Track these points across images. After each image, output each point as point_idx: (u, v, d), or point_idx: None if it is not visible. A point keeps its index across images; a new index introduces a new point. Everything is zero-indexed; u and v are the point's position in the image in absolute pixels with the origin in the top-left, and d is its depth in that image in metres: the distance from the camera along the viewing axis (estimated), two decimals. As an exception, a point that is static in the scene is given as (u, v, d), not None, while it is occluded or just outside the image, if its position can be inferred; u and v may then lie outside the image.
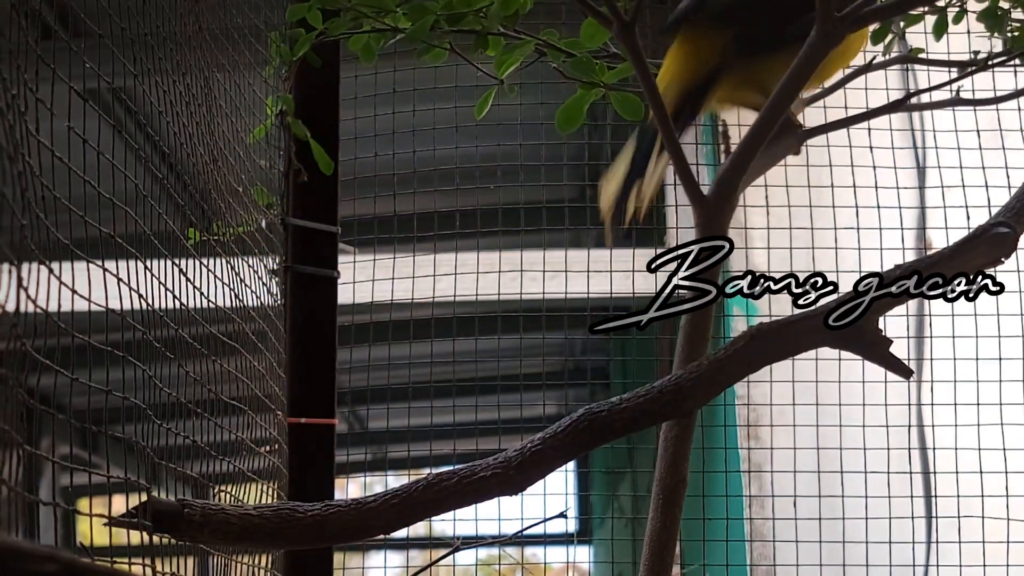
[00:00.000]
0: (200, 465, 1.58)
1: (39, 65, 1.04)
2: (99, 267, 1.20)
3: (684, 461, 1.48)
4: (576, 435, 1.24)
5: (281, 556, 1.85)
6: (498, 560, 3.10)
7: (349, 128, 2.71)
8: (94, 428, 1.23)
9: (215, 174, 1.68)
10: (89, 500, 2.37)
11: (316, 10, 1.58)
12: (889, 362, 1.31)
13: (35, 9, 1.05)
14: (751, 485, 3.00)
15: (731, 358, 1.27)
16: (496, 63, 1.57)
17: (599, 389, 4.60)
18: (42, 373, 1.04)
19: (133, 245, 1.31)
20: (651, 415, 1.27)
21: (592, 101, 1.53)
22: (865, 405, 2.74)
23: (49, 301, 1.05)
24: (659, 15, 3.25)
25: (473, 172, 2.98)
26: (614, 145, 3.31)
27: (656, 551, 1.48)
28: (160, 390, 1.37)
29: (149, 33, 1.38)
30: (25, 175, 1.01)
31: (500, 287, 2.93)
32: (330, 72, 1.99)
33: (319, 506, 1.31)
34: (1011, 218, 1.34)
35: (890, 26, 1.79)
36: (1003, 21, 1.66)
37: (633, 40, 1.32)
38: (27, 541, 0.81)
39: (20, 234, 1.00)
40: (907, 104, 1.79)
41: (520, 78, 1.68)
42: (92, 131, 1.21)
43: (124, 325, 1.27)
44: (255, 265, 1.85)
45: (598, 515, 4.66)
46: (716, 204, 1.44)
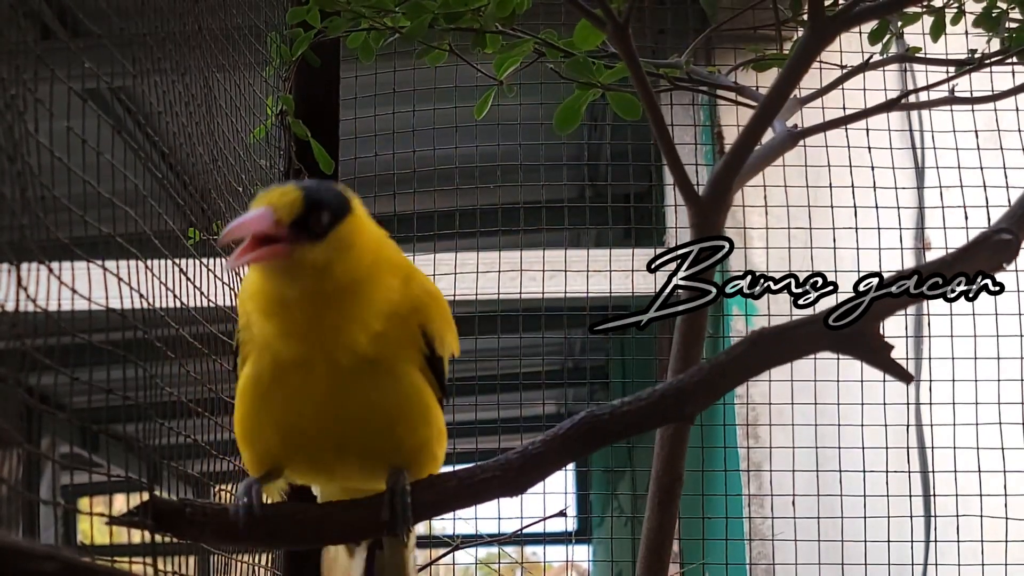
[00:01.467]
0: (201, 464, 1.59)
1: (38, 65, 1.04)
2: (99, 266, 1.20)
3: (680, 459, 1.49)
4: (577, 438, 1.24)
5: (281, 555, 1.85)
6: (498, 559, 3.11)
7: (349, 128, 2.72)
8: (95, 427, 1.23)
9: (215, 174, 1.68)
10: (90, 499, 2.37)
11: (315, 10, 1.59)
12: (890, 367, 1.31)
13: (34, 9, 1.06)
14: (750, 484, 3.00)
15: (732, 363, 1.26)
16: (495, 63, 1.58)
17: (598, 388, 4.60)
18: (42, 372, 1.04)
19: (133, 245, 1.32)
20: (652, 419, 1.27)
21: (590, 101, 1.53)
22: (864, 404, 2.74)
23: (49, 300, 1.05)
24: (658, 15, 3.26)
25: (472, 172, 2.98)
26: (613, 145, 3.32)
27: (653, 549, 1.49)
28: (161, 389, 1.37)
29: (148, 33, 1.39)
30: (25, 175, 1.01)
31: (500, 286, 2.93)
32: (330, 72, 1.99)
33: (319, 506, 1.31)
34: (1013, 224, 1.33)
35: (888, 26, 1.80)
36: (1000, 21, 1.67)
37: (627, 42, 1.33)
38: (27, 540, 0.81)
39: (20, 233, 1.00)
40: (904, 103, 1.80)
41: (519, 78, 1.68)
42: (91, 131, 1.21)
43: (124, 324, 1.27)
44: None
45: (597, 514, 4.65)
46: (711, 203, 1.44)
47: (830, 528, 2.74)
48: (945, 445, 2.79)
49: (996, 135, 2.86)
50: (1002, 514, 2.65)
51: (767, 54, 1.90)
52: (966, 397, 2.75)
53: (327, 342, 1.20)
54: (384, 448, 1.25)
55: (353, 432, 1.23)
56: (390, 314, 1.22)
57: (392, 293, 1.23)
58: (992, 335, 2.74)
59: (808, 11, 1.30)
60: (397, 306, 1.23)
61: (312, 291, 1.17)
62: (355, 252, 1.19)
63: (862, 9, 1.35)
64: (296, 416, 1.22)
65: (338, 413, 1.22)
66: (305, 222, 1.15)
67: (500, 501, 1.28)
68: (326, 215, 1.16)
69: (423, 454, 1.27)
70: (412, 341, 1.26)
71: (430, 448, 1.28)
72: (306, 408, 1.22)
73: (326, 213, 1.16)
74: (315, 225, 1.15)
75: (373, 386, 1.22)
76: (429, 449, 1.28)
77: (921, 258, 3.03)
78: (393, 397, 1.24)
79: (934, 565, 2.75)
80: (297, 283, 1.17)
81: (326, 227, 1.16)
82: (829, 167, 2.88)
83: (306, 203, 1.15)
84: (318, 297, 1.18)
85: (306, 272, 1.16)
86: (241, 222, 1.13)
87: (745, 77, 1.99)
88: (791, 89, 1.40)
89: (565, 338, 3.86)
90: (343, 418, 1.22)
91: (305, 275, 1.16)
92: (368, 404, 1.22)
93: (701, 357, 1.49)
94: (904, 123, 3.18)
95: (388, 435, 1.25)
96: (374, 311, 1.21)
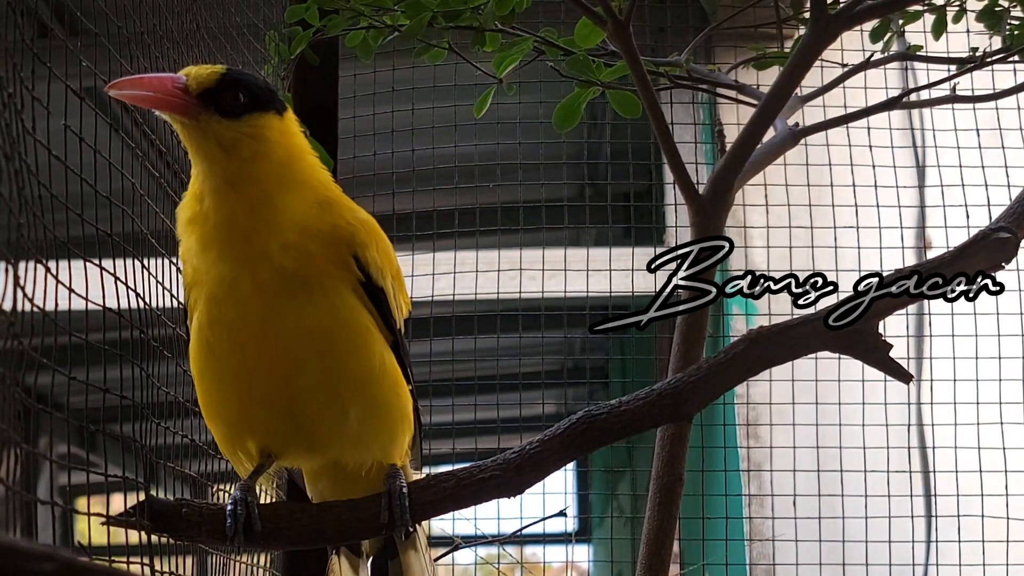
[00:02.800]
0: (198, 464, 1.58)
1: (36, 63, 1.04)
2: (96, 266, 1.20)
3: (681, 460, 1.48)
4: (574, 438, 1.24)
5: (280, 555, 1.85)
6: (497, 559, 3.10)
7: (348, 127, 2.71)
8: (92, 427, 1.22)
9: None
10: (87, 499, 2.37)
11: (314, 9, 1.58)
12: (889, 367, 1.31)
13: (32, 7, 1.05)
14: (750, 484, 3.00)
15: (731, 362, 1.26)
16: (495, 62, 1.57)
17: (598, 388, 4.59)
18: (39, 372, 1.04)
19: (130, 244, 1.31)
20: (650, 418, 1.26)
21: (590, 99, 1.53)
22: (864, 404, 2.74)
23: (46, 300, 1.05)
24: (658, 14, 3.25)
25: (472, 171, 2.98)
26: (613, 144, 3.31)
27: (654, 549, 1.48)
28: (158, 389, 1.37)
29: (146, 32, 1.38)
30: (22, 173, 1.01)
31: (499, 286, 2.92)
32: (329, 71, 1.99)
33: (317, 506, 1.30)
34: (1012, 223, 1.33)
35: (889, 24, 1.79)
36: (1002, 19, 1.66)
37: (628, 40, 1.32)
38: (25, 540, 0.81)
39: (17, 232, 0.99)
40: (905, 101, 1.79)
41: (519, 77, 1.68)
42: (89, 129, 1.20)
43: (122, 324, 1.27)
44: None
45: (597, 514, 4.65)
46: (711, 202, 1.44)
47: (831, 528, 2.74)
48: (946, 445, 2.78)
49: (998, 134, 2.85)
50: (1003, 514, 2.64)
51: (768, 52, 1.90)
52: (967, 397, 2.75)
53: (245, 252, 1.19)
54: (333, 381, 1.23)
55: (295, 362, 1.22)
56: (306, 227, 1.21)
57: (307, 207, 1.22)
58: (993, 334, 2.74)
59: (810, 9, 1.29)
60: (317, 221, 1.22)
61: (219, 172, 1.18)
62: (266, 146, 1.19)
63: (864, 7, 1.35)
64: (241, 355, 1.22)
65: (277, 341, 1.21)
66: (217, 97, 1.17)
67: (499, 501, 1.28)
68: (244, 97, 1.18)
69: (372, 387, 1.25)
70: (340, 262, 1.24)
71: (378, 384, 1.26)
72: (248, 344, 1.21)
73: (244, 95, 1.18)
74: (229, 103, 1.17)
75: (305, 304, 1.21)
76: (377, 384, 1.26)
77: (922, 257, 3.03)
78: (327, 316, 1.22)
79: (935, 565, 2.74)
80: (205, 148, 1.18)
81: (240, 110, 1.17)
82: (830, 166, 2.88)
83: (223, 79, 1.17)
84: (227, 190, 1.18)
85: (211, 142, 1.17)
86: (144, 76, 1.16)
87: (746, 75, 1.99)
88: (792, 88, 1.39)
89: (565, 338, 3.85)
90: (283, 346, 1.21)
91: (211, 144, 1.17)
92: (302, 324, 1.21)
93: (702, 357, 1.49)
94: (905, 122, 3.17)
95: (331, 359, 1.23)
96: (286, 219, 1.20)
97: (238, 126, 1.18)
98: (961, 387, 2.76)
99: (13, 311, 0.97)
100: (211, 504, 1.22)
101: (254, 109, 1.19)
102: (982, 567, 2.66)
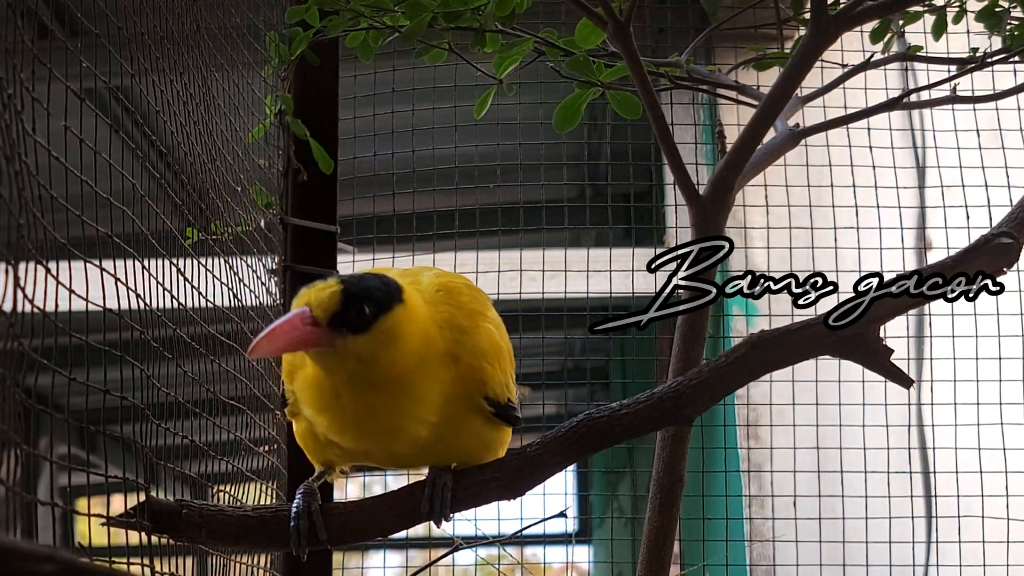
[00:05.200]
0: (199, 465, 1.58)
1: (36, 64, 1.04)
2: (96, 267, 1.20)
3: (681, 461, 1.48)
4: (575, 441, 1.24)
5: (280, 556, 1.85)
6: (498, 560, 3.10)
7: (348, 127, 2.71)
8: (92, 428, 1.22)
9: (213, 173, 1.68)
10: (87, 500, 2.37)
11: (314, 10, 1.58)
12: (890, 372, 1.30)
13: (32, 8, 1.05)
14: (751, 485, 3.00)
15: (732, 366, 1.26)
16: (495, 63, 1.57)
17: (598, 389, 4.59)
18: (40, 373, 1.04)
19: (131, 245, 1.31)
20: (651, 422, 1.26)
21: (590, 100, 1.53)
22: (865, 405, 2.74)
23: (46, 301, 1.05)
24: (659, 14, 3.25)
25: (472, 172, 2.98)
26: (613, 144, 3.31)
27: (654, 550, 1.48)
28: (158, 390, 1.37)
29: (146, 33, 1.38)
30: (22, 174, 1.01)
31: (499, 286, 2.92)
32: (329, 72, 1.99)
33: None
34: (1014, 228, 1.32)
35: (889, 25, 1.79)
36: (1002, 19, 1.66)
37: (628, 41, 1.32)
38: (25, 541, 0.81)
39: (17, 233, 0.99)
40: (905, 102, 1.79)
41: (519, 78, 1.68)
42: (89, 130, 1.20)
43: (122, 325, 1.27)
44: (254, 264, 1.85)
45: (598, 515, 4.65)
46: (712, 203, 1.44)
47: (831, 529, 2.74)
48: (947, 446, 2.78)
49: (998, 134, 2.85)
50: (1004, 515, 2.64)
51: (768, 53, 1.90)
52: (968, 397, 2.75)
53: (383, 438, 1.22)
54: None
55: (418, 464, 1.31)
56: (446, 402, 1.22)
57: (442, 371, 1.22)
58: (994, 335, 2.74)
59: (810, 10, 1.29)
60: (451, 386, 1.23)
61: (358, 380, 1.17)
62: (401, 344, 1.17)
63: (864, 8, 1.34)
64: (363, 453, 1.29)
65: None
66: (344, 316, 1.14)
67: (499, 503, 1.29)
68: (368, 307, 1.15)
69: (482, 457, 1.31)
70: (473, 406, 1.26)
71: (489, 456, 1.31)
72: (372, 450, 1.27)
73: (368, 305, 1.15)
74: (356, 318, 1.14)
75: (436, 447, 1.25)
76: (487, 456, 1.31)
77: (923, 258, 3.03)
78: (457, 451, 1.27)
79: (936, 566, 2.74)
80: (343, 367, 1.16)
81: (369, 319, 1.15)
82: (830, 166, 2.88)
83: (344, 297, 1.14)
84: (366, 391, 1.18)
85: (349, 360, 1.16)
86: (274, 328, 1.13)
87: (746, 76, 1.99)
88: (793, 88, 1.39)
89: (565, 338, 3.85)
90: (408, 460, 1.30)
91: (349, 362, 1.16)
92: (431, 457, 1.27)
93: (702, 357, 1.49)
94: (906, 122, 3.17)
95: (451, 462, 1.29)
96: (427, 404, 1.21)
97: (372, 338, 1.16)
98: (961, 388, 2.76)
99: (13, 312, 0.97)
100: (211, 505, 1.22)
101: (379, 313, 1.16)
102: (982, 568, 2.66)
